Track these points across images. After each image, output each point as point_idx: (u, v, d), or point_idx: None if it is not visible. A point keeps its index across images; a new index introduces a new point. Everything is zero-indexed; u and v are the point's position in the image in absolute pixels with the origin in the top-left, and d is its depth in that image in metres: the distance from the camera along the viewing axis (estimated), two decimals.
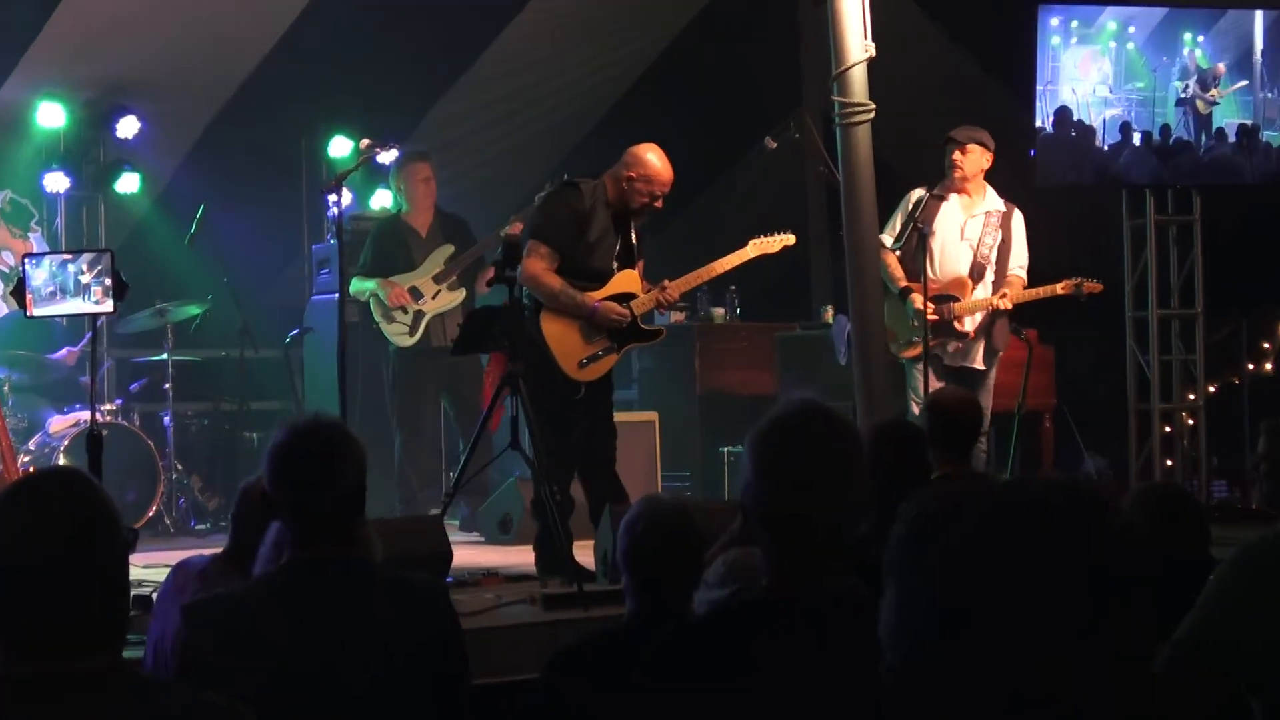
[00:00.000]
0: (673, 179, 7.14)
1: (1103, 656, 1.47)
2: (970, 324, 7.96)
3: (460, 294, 9.02)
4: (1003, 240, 8.01)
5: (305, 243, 10.80)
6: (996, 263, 8.06)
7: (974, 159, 8.03)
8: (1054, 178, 9.53)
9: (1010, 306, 7.96)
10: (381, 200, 10.85)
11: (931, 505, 1.55)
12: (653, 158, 7.11)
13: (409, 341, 8.97)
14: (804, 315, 10.93)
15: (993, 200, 8.12)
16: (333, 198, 7.67)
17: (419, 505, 8.94)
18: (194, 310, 9.61)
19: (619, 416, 7.86)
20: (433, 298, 9.03)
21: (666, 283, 7.31)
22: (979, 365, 7.97)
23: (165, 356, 9.60)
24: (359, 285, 9.06)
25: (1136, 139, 9.63)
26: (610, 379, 7.32)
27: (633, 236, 7.29)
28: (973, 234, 8.00)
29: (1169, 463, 9.93)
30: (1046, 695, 1.46)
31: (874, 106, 6.97)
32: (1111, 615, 1.48)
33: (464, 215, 9.39)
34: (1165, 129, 9.68)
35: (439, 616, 3.19)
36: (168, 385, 9.58)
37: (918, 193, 7.99)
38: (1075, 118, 9.50)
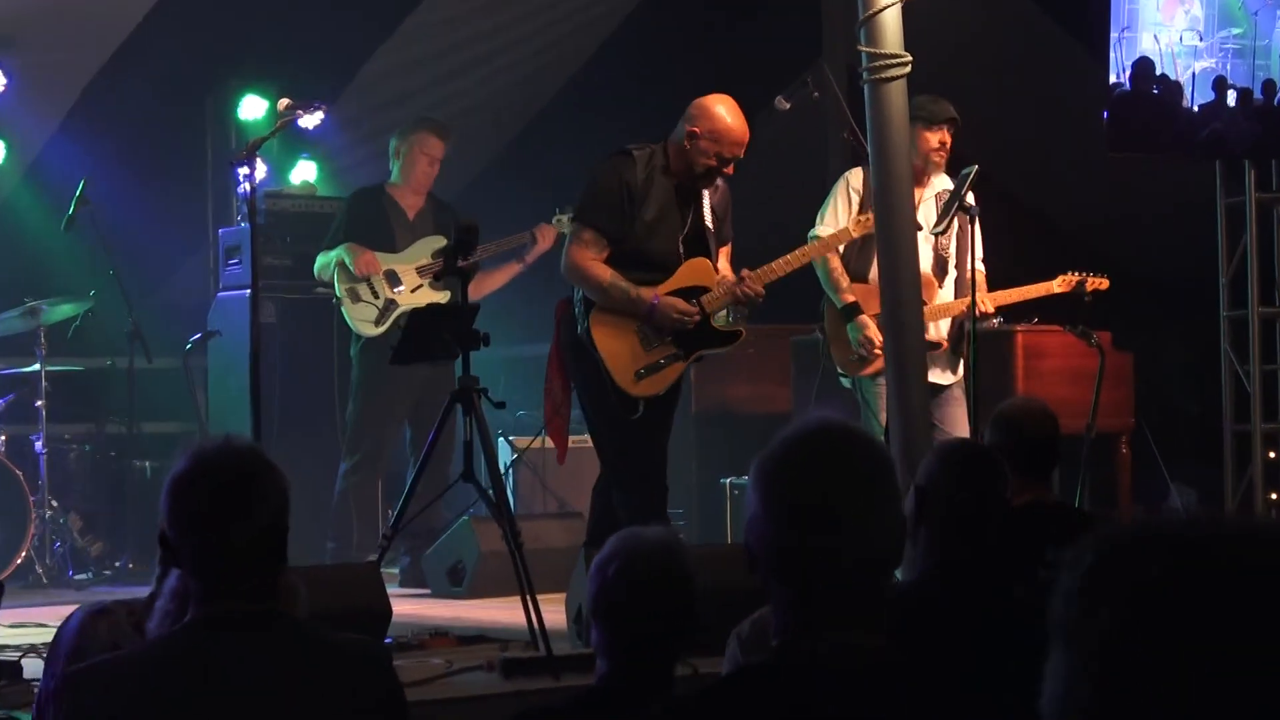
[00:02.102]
0: (747, 137, 7.19)
1: None
2: (935, 331, 8.02)
3: (443, 296, 9.04)
4: (959, 228, 8.04)
5: (210, 226, 10.80)
6: (956, 256, 8.11)
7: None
8: (1131, 145, 9.56)
9: (993, 309, 8.03)
10: (304, 174, 10.87)
11: (1110, 546, 1.50)
12: (722, 110, 7.17)
13: (372, 331, 8.99)
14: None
15: (943, 179, 8.17)
16: (244, 171, 7.66)
17: (356, 548, 8.96)
18: (73, 310, 9.60)
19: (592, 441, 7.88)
20: (411, 291, 9.07)
21: (746, 272, 7.34)
22: (945, 380, 8.01)
23: (37, 367, 9.59)
24: (324, 259, 9.12)
25: (1232, 97, 9.66)
26: (677, 394, 7.36)
27: (706, 215, 7.32)
28: (929, 218, 8.03)
29: (1274, 495, 9.95)
30: None
31: (910, 58, 6.98)
32: None
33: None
34: (1269, 85, 9.71)
35: (378, 687, 3.19)
36: (40, 402, 9.56)
37: (858, 172, 8.07)
38: (1158, 71, 9.52)
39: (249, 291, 7.67)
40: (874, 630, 2.47)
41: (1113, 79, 9.40)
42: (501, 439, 9.84)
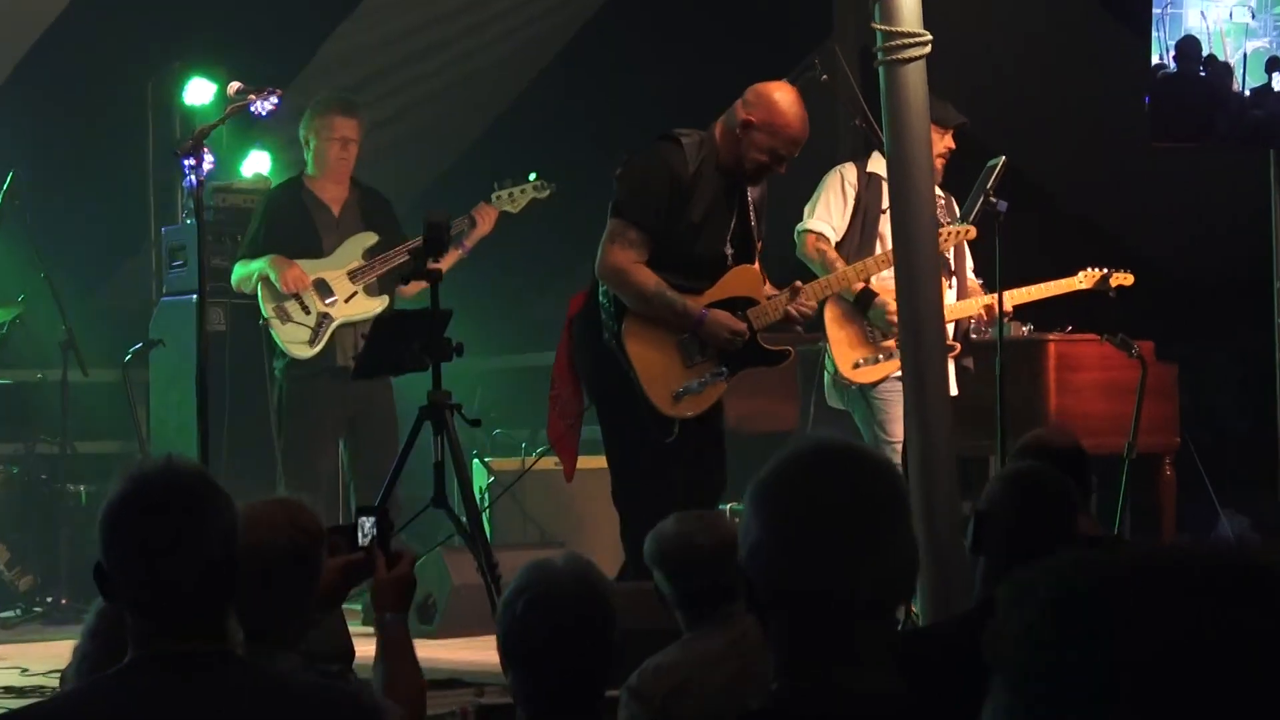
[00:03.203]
0: (806, 135, 7.17)
1: None
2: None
3: (381, 302, 8.99)
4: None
5: (153, 225, 10.78)
6: (954, 259, 8.19)
7: None
8: (1176, 133, 9.57)
9: (1010, 309, 8.11)
10: (257, 165, 10.85)
11: (1085, 576, 1.53)
12: (782, 98, 7.14)
13: (307, 352, 8.93)
14: None
15: None
16: (190, 163, 7.66)
17: None
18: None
19: (582, 462, 7.86)
20: (345, 300, 9.00)
21: (799, 284, 7.31)
22: (954, 390, 8.07)
23: None
24: (243, 271, 9.02)
25: (1278, 81, 9.67)
26: (719, 413, 7.30)
27: (750, 213, 7.30)
28: None
29: None
30: None
31: (930, 37, 6.98)
32: None
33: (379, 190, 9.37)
34: None
35: None
36: None
37: (852, 167, 8.14)
38: (1205, 51, 9.54)
39: (195, 296, 7.68)
40: (882, 670, 2.47)
41: (1155, 60, 9.41)
42: (476, 460, 9.83)
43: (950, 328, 8.12)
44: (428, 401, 6.80)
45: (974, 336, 8.54)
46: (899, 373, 7.96)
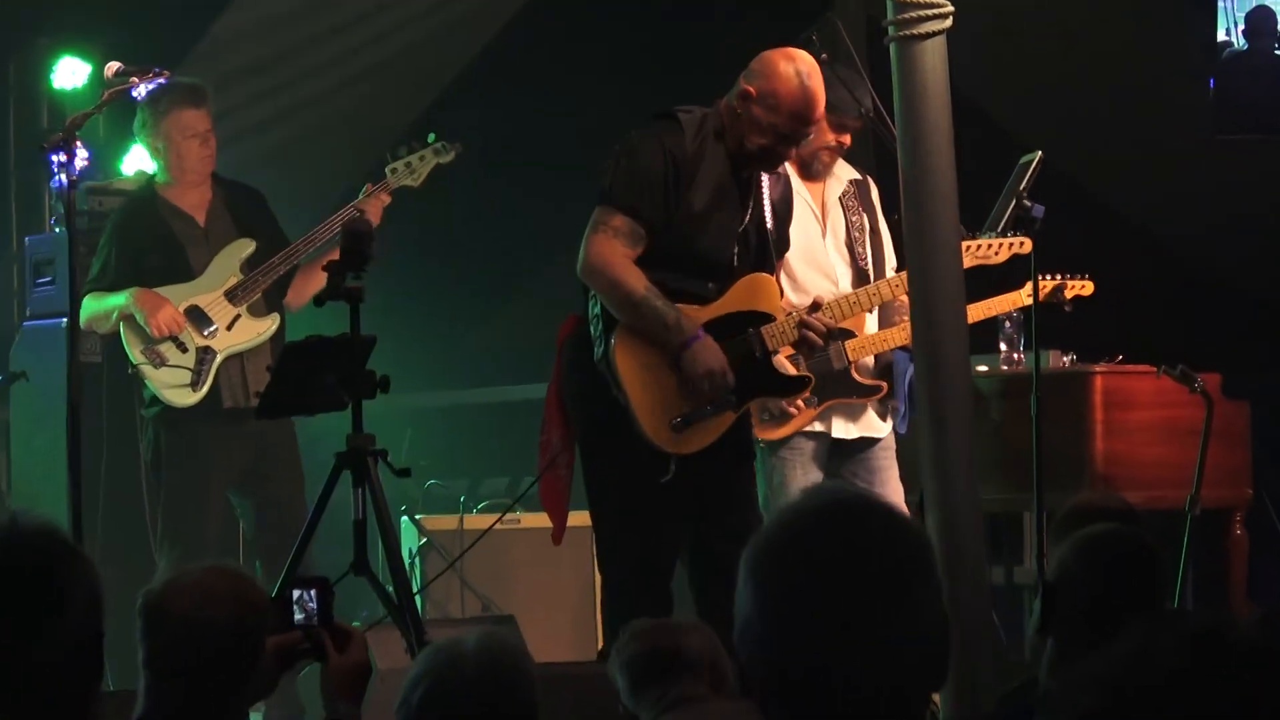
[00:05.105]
0: (817, 114, 7.14)
1: None
2: (867, 370, 8.05)
3: (271, 321, 8.91)
4: (871, 228, 8.08)
5: (14, 233, 10.76)
6: (874, 267, 8.09)
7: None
8: (1244, 121, 9.60)
9: None
10: (139, 161, 10.82)
11: (1131, 681, 1.54)
12: (788, 66, 7.09)
13: (191, 398, 8.82)
14: None
15: (843, 166, 8.23)
16: (59, 158, 7.62)
17: None
18: None
19: (539, 519, 7.81)
20: (228, 327, 8.91)
21: (820, 298, 7.29)
22: (879, 433, 8.02)
23: None
24: (96, 306, 8.84)
25: None
26: (743, 441, 7.25)
27: (766, 210, 7.25)
28: (839, 225, 8.06)
29: None
30: None
31: (951, 9, 6.98)
32: None
33: (261, 189, 9.29)
34: None
35: None
36: None
37: None
38: None
39: (65, 320, 7.63)
40: None
41: (1221, 36, 9.43)
42: (405, 518, 9.79)
43: (869, 361, 8.06)
44: (346, 447, 6.76)
45: (1004, 368, 8.53)
46: (811, 426, 7.93)
